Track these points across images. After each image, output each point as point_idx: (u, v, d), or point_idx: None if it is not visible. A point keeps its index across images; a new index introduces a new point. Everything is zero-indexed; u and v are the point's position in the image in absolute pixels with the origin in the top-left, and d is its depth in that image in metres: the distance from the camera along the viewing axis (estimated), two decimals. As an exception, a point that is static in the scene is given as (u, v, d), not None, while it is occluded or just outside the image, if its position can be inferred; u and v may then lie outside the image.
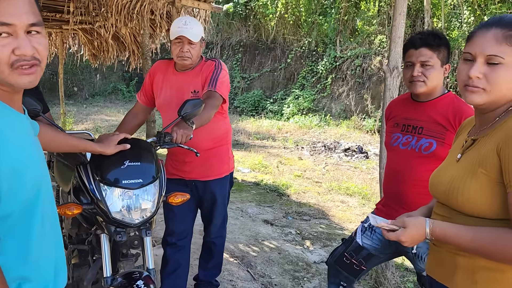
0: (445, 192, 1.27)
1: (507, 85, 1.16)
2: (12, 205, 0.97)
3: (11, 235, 0.99)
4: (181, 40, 2.38)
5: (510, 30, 1.14)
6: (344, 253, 2.23)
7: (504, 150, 1.11)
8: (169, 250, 2.67)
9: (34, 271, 1.03)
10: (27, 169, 1.01)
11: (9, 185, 0.95)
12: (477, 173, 1.17)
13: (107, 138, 1.73)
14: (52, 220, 1.12)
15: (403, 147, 2.09)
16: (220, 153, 2.66)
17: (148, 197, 1.74)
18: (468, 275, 1.21)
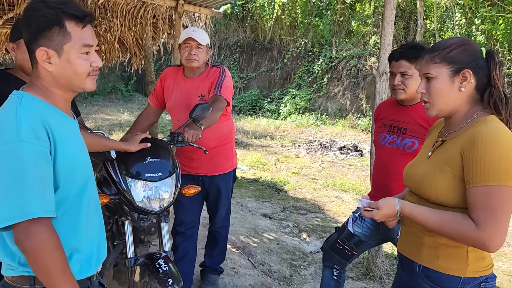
0: (416, 183, 1.55)
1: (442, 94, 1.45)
2: (68, 191, 1.25)
3: (66, 215, 1.26)
4: (189, 45, 2.67)
5: (433, 53, 1.46)
6: (337, 240, 2.52)
7: (466, 153, 1.37)
8: (178, 238, 2.94)
9: (82, 244, 1.31)
10: (79, 164, 1.29)
11: (65, 176, 1.23)
12: (444, 170, 1.44)
13: (131, 137, 2.01)
14: (95, 205, 1.40)
15: (390, 145, 2.39)
16: (225, 151, 2.93)
17: (166, 188, 2.02)
18: (431, 251, 1.49)
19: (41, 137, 1.16)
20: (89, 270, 1.32)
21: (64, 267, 1.17)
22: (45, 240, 1.13)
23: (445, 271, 1.45)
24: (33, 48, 1.23)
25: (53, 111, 1.25)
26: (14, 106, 1.18)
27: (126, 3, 5.54)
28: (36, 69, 1.26)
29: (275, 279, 3.45)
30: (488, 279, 1.46)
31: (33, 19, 1.21)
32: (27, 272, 1.21)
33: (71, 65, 1.24)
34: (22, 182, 1.11)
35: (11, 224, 1.11)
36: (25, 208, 1.10)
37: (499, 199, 1.30)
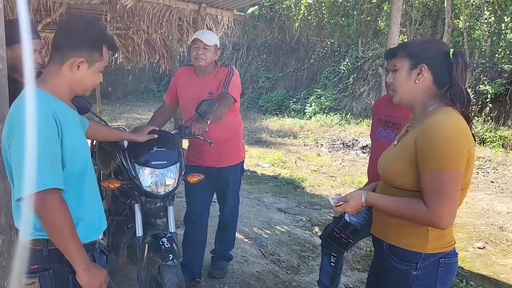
0: (382, 169, 1.72)
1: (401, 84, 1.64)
2: (72, 169, 1.50)
3: (72, 189, 1.51)
4: (197, 45, 2.91)
5: (402, 48, 1.67)
6: (334, 229, 2.69)
7: (418, 141, 1.53)
8: (189, 226, 3.19)
9: (86, 214, 1.56)
10: (80, 148, 1.56)
11: (70, 156, 1.49)
12: (402, 157, 1.60)
13: (140, 129, 2.27)
14: (94, 182, 1.66)
15: (384, 139, 2.55)
16: (233, 144, 3.15)
17: (171, 175, 2.26)
18: (396, 231, 1.65)
19: (51, 123, 1.42)
20: (92, 236, 1.58)
21: (73, 230, 1.42)
22: (58, 207, 1.38)
23: (408, 248, 1.61)
24: (69, 54, 1.50)
25: (59, 104, 1.50)
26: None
27: (152, 7, 5.86)
28: (57, 69, 1.52)
29: (283, 268, 3.64)
30: (447, 255, 1.61)
31: (81, 33, 1.52)
32: (42, 235, 1.46)
33: (92, 76, 1.57)
34: (38, 159, 1.36)
35: (29, 194, 1.35)
36: (41, 180, 1.35)
37: (444, 182, 1.45)
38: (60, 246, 1.41)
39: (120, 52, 9.16)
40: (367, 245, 4.05)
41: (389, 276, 1.69)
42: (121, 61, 9.31)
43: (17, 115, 1.41)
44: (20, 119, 1.39)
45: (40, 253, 1.47)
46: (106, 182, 2.21)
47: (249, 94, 15.14)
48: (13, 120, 1.41)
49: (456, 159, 1.46)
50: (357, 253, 3.94)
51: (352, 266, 3.74)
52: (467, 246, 4.26)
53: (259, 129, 11.29)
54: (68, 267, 1.48)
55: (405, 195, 1.59)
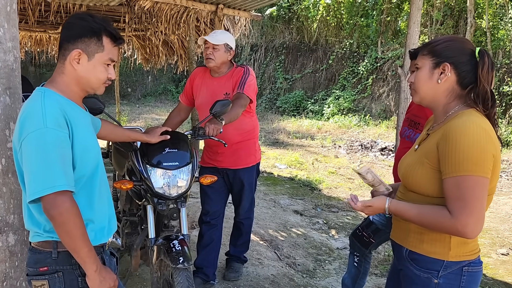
0: (402, 175, 1.65)
1: (423, 83, 1.56)
2: (83, 171, 1.48)
3: (82, 191, 1.49)
4: (207, 46, 2.89)
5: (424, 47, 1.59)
6: (358, 227, 2.72)
7: (441, 146, 1.46)
8: (204, 227, 3.16)
9: (96, 216, 1.54)
10: (91, 148, 1.53)
11: (80, 158, 1.46)
12: (424, 162, 1.53)
13: (152, 130, 2.24)
14: (105, 185, 1.63)
15: (407, 138, 2.52)
16: (248, 146, 3.11)
17: (183, 176, 2.23)
18: (417, 236, 1.58)
19: (62, 124, 1.40)
20: (102, 239, 1.55)
21: (83, 232, 1.40)
22: (69, 209, 1.36)
23: (429, 255, 1.54)
24: (69, 47, 1.48)
25: (70, 104, 1.48)
26: (39, 100, 1.42)
27: (170, 8, 5.88)
28: (62, 65, 1.50)
29: (299, 271, 3.58)
30: (471, 263, 1.53)
31: (78, 25, 1.49)
32: (51, 237, 1.44)
33: (95, 70, 1.51)
34: (49, 161, 1.35)
35: (41, 196, 1.34)
36: (52, 182, 1.33)
37: (469, 188, 1.37)
38: (71, 248, 1.39)
39: (139, 54, 9.28)
40: (385, 249, 3.96)
41: (409, 283, 1.62)
42: (140, 62, 9.41)
43: (28, 116, 1.40)
44: (31, 120, 1.38)
45: (50, 255, 1.45)
46: (118, 183, 2.19)
47: (266, 95, 15.10)
48: (24, 121, 1.39)
49: (481, 165, 1.38)
50: (375, 257, 3.85)
51: (370, 271, 3.65)
52: (490, 252, 4.12)
53: (276, 130, 11.23)
54: (77, 269, 1.46)
55: (427, 201, 1.52)
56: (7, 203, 1.86)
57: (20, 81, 1.88)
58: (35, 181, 1.35)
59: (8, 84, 1.82)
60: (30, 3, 5.65)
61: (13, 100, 1.83)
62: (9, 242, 1.89)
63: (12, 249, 1.89)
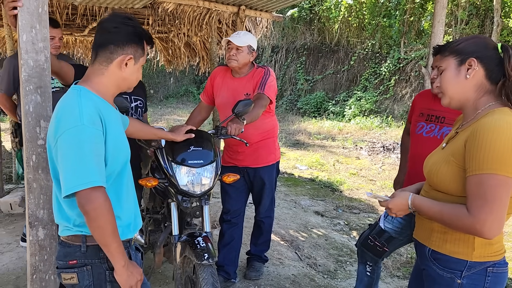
0: (428, 172, 1.64)
1: (450, 83, 1.54)
2: (113, 167, 1.52)
3: (112, 187, 1.53)
4: (230, 46, 2.91)
5: (445, 48, 1.58)
6: (368, 236, 2.57)
7: (468, 143, 1.43)
8: (224, 226, 3.19)
9: (123, 212, 1.57)
10: (121, 145, 1.57)
11: (112, 155, 1.50)
12: (450, 160, 1.51)
13: (178, 128, 2.29)
14: (131, 183, 1.67)
15: (426, 134, 2.44)
16: (268, 145, 3.13)
17: (207, 174, 2.26)
18: (440, 236, 1.57)
19: (97, 122, 1.44)
20: (128, 234, 1.59)
21: (114, 228, 1.44)
22: (103, 204, 1.40)
23: (452, 255, 1.52)
24: (117, 51, 1.53)
25: (103, 103, 1.53)
26: (75, 98, 1.47)
27: (192, 10, 5.95)
28: (104, 67, 1.55)
29: (319, 272, 3.57)
30: (496, 264, 1.50)
31: (126, 31, 1.54)
32: (80, 231, 1.49)
33: (138, 72, 1.62)
34: (85, 157, 1.39)
35: (77, 191, 1.38)
36: (87, 178, 1.38)
37: (491, 187, 1.35)
38: (101, 242, 1.43)
39: (161, 56, 9.41)
40: (408, 251, 3.91)
41: (432, 283, 1.60)
42: (162, 64, 9.54)
43: (64, 114, 1.44)
44: (68, 117, 1.42)
45: (79, 249, 1.50)
46: (144, 180, 2.24)
47: (287, 96, 15.09)
48: (61, 118, 1.43)
49: (508, 164, 1.35)
50: (397, 259, 3.81)
51: (392, 273, 3.62)
52: (517, 256, 4.02)
53: (297, 132, 11.21)
54: (105, 263, 1.50)
55: (450, 200, 1.50)
56: (37, 199, 1.92)
57: (50, 80, 1.94)
58: (71, 177, 1.38)
59: (40, 83, 1.88)
60: (58, 7, 5.81)
61: (43, 99, 1.90)
62: (39, 236, 1.95)
63: (41, 243, 1.96)
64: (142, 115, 2.71)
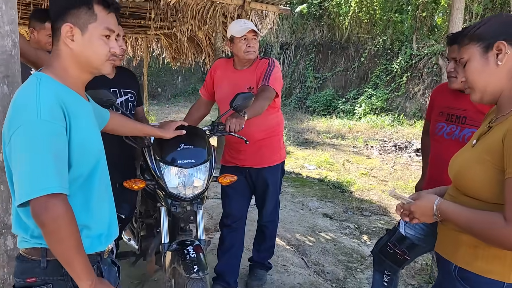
0: (455, 174, 1.38)
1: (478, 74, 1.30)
2: (80, 170, 1.28)
3: (78, 193, 1.29)
4: (247, 37, 2.66)
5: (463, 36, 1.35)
6: (387, 243, 2.30)
7: (508, 139, 1.19)
8: (225, 231, 2.95)
9: (93, 221, 1.33)
10: (91, 143, 1.33)
11: (78, 156, 1.26)
12: (484, 160, 1.25)
13: (167, 124, 2.04)
14: (106, 186, 1.43)
15: (448, 136, 2.16)
16: (272, 143, 2.87)
17: (199, 175, 2.01)
18: (470, 250, 1.31)
19: (58, 116, 1.20)
20: (99, 246, 1.35)
21: (78, 242, 1.20)
22: (62, 214, 1.16)
23: (485, 274, 1.27)
24: (59, 25, 1.29)
25: (69, 93, 1.29)
26: (34, 87, 1.23)
27: (196, 3, 5.72)
28: (56, 47, 1.31)
29: (327, 280, 3.32)
30: None
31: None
32: (39, 244, 1.25)
33: (92, 44, 1.30)
34: (41, 159, 1.15)
35: (30, 199, 1.15)
36: (43, 183, 1.14)
37: None
38: (62, 259, 1.19)
39: (167, 52, 9.22)
40: (423, 257, 3.63)
41: (458, 307, 1.34)
42: (168, 60, 9.34)
43: (19, 106, 1.21)
44: (23, 111, 1.19)
45: (38, 264, 1.26)
46: (129, 182, 2.00)
47: (296, 94, 14.81)
48: (15, 111, 1.20)
49: None
50: (411, 266, 3.53)
51: (406, 281, 3.35)
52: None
53: (306, 130, 10.93)
54: (69, 281, 1.26)
55: (485, 208, 1.24)
56: (5, 203, 1.70)
57: (20, 68, 1.72)
58: (24, 182, 1.15)
59: (6, 71, 1.66)
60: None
61: (11, 90, 1.67)
62: (8, 246, 1.73)
63: (10, 253, 1.73)
64: (134, 109, 2.47)
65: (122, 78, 2.38)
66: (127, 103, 2.39)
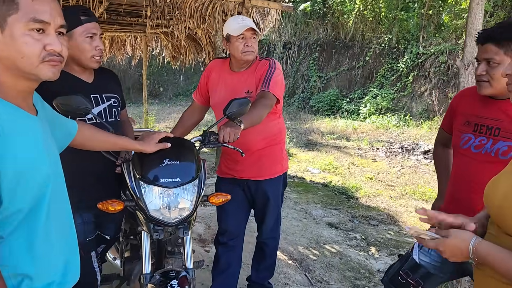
0: (496, 208, 1.10)
1: None
2: (20, 203, 1.00)
3: (20, 231, 1.02)
4: (244, 35, 2.38)
5: None
6: (399, 271, 2.00)
7: None
8: (220, 249, 2.68)
9: (39, 268, 1.06)
10: (32, 169, 1.03)
11: (14, 183, 0.98)
12: None
13: (148, 136, 1.75)
14: (61, 218, 1.15)
15: (476, 150, 1.85)
16: (273, 153, 2.60)
17: (186, 196, 1.74)
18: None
19: None
20: None
21: None
22: None
23: None
24: None
25: (4, 106, 1.01)
26: None
27: (194, 0, 5.45)
28: None
29: (333, 300, 3.04)
30: None
31: None
32: None
33: (15, 42, 1.00)
34: None
35: None
36: None
37: None
38: None
39: (167, 51, 8.96)
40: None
41: None
42: (168, 60, 9.08)
43: None
44: None
45: None
46: (105, 204, 1.72)
47: (299, 94, 14.50)
48: None
49: None
50: None
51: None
52: None
53: (309, 131, 10.64)
54: None
55: None
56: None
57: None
58: None
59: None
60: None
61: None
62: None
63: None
64: (119, 116, 2.18)
65: (103, 81, 2.09)
66: (110, 109, 2.10)
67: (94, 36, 1.93)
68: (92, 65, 1.96)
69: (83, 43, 1.90)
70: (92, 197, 1.88)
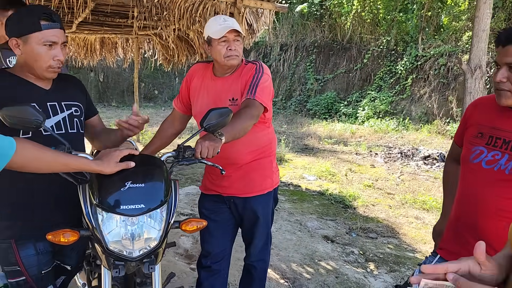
0: None
1: None
2: None
3: None
4: (227, 38, 2.12)
5: None
6: None
7: None
8: (203, 273, 2.41)
9: None
10: None
11: None
12: None
13: (107, 154, 1.48)
14: None
15: (487, 166, 1.58)
16: (263, 166, 2.34)
17: (153, 224, 1.48)
18: None
19: None
20: None
21: None
22: None
23: None
24: None
25: None
26: None
27: (183, 0, 5.20)
28: None
29: (328, 325, 2.78)
30: None
31: None
32: None
33: None
34: None
35: None
36: None
37: None
38: None
39: (159, 54, 8.70)
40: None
41: None
42: (161, 62, 8.82)
43: None
44: None
45: None
46: (56, 234, 1.46)
47: (296, 97, 14.25)
48: None
49: None
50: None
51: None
52: None
53: (306, 135, 10.39)
54: None
55: None
56: None
57: None
58: None
59: None
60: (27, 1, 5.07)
61: None
62: None
63: None
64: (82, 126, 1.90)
65: (63, 88, 1.82)
66: (71, 119, 1.82)
67: (54, 44, 1.64)
68: (47, 76, 1.69)
69: (39, 50, 1.63)
70: (48, 223, 1.62)
